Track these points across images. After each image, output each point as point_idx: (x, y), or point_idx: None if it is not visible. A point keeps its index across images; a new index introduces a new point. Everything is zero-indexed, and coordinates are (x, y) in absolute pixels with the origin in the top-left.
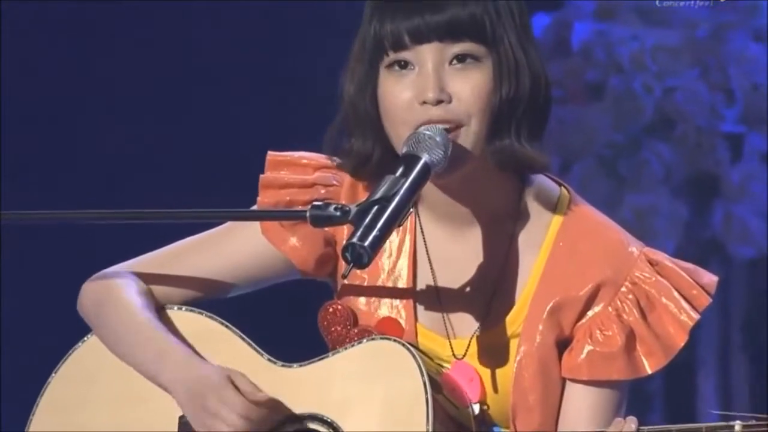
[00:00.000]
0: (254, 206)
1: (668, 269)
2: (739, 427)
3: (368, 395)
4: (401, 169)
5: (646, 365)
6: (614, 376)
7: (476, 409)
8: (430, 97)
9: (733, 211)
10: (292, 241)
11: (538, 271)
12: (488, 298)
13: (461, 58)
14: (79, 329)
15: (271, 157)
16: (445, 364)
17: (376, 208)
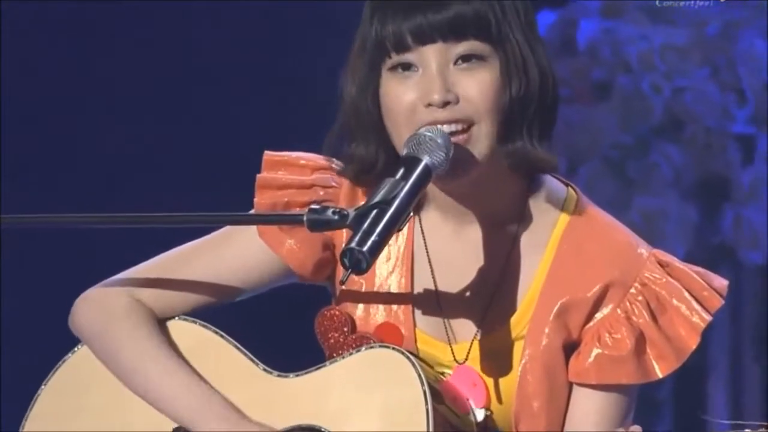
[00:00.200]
0: (251, 208)
1: (679, 270)
2: None
3: (366, 405)
4: (401, 171)
5: (656, 369)
6: (623, 380)
7: (480, 415)
8: (435, 98)
9: (743, 214)
10: (289, 243)
11: (543, 271)
12: (488, 300)
13: (466, 57)
14: None
15: (268, 157)
16: (446, 369)
17: (375, 212)
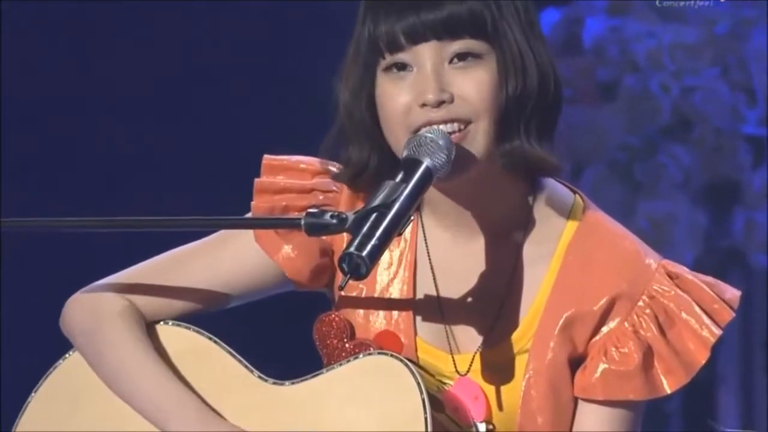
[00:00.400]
0: (250, 210)
1: (688, 282)
2: None
3: (364, 414)
4: (401, 174)
5: (665, 384)
6: (631, 395)
7: (482, 428)
8: (430, 98)
9: (755, 218)
10: (286, 249)
11: (549, 282)
12: (494, 310)
13: (462, 56)
14: None
15: (267, 161)
16: (447, 380)
17: (374, 215)
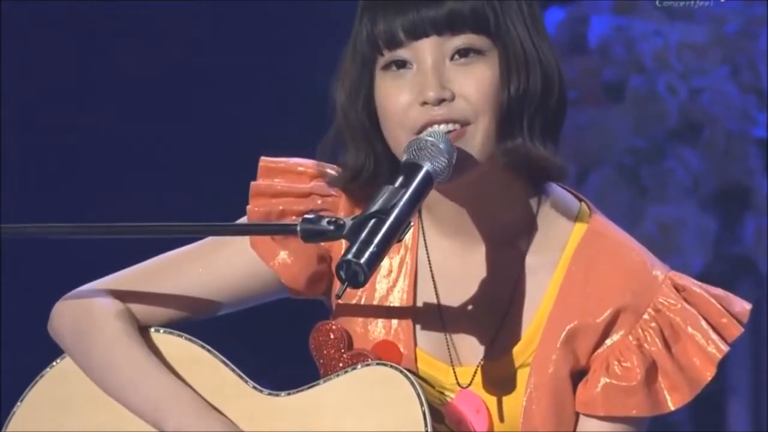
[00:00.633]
0: (244, 216)
1: (696, 295)
2: None
3: (362, 426)
4: (401, 178)
5: (668, 401)
6: (633, 412)
7: None
8: (430, 96)
9: (765, 224)
10: (282, 255)
11: (552, 293)
12: (497, 321)
13: (463, 52)
14: None
15: (263, 163)
16: (448, 392)
17: (373, 221)
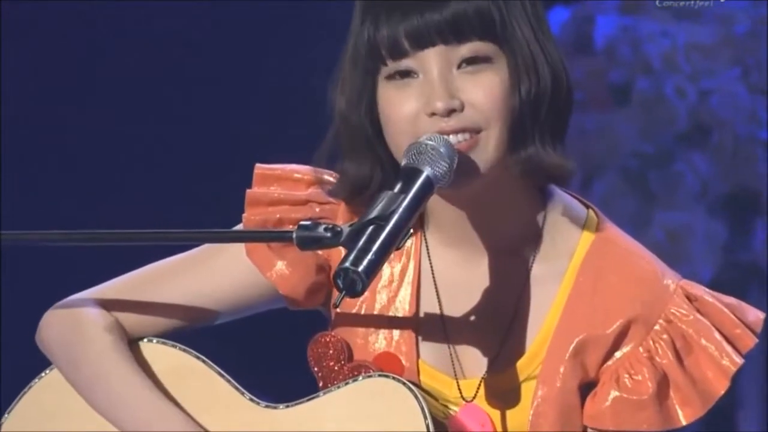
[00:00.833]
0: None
1: (708, 305)
2: None
3: None
4: (400, 184)
5: (680, 416)
6: (643, 426)
7: None
8: (439, 107)
9: None
10: (279, 266)
11: (559, 304)
12: (502, 333)
13: (471, 60)
14: None
15: (259, 170)
16: (452, 406)
17: (371, 228)
